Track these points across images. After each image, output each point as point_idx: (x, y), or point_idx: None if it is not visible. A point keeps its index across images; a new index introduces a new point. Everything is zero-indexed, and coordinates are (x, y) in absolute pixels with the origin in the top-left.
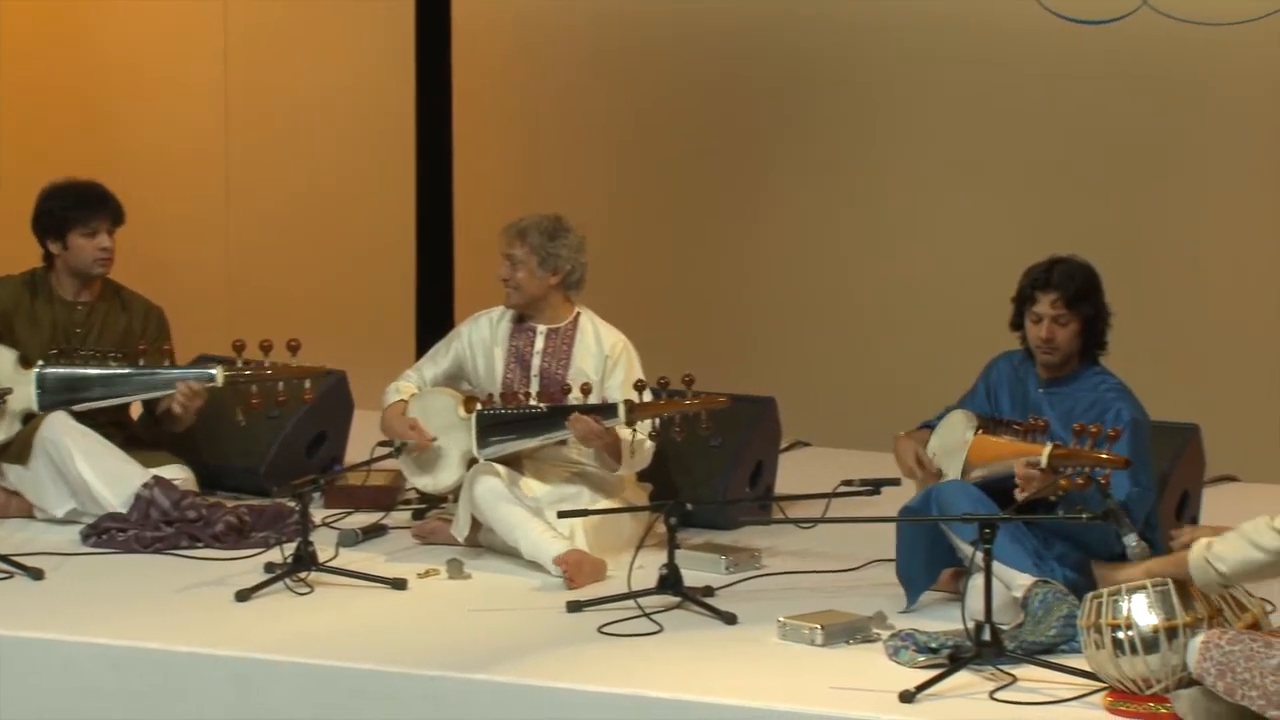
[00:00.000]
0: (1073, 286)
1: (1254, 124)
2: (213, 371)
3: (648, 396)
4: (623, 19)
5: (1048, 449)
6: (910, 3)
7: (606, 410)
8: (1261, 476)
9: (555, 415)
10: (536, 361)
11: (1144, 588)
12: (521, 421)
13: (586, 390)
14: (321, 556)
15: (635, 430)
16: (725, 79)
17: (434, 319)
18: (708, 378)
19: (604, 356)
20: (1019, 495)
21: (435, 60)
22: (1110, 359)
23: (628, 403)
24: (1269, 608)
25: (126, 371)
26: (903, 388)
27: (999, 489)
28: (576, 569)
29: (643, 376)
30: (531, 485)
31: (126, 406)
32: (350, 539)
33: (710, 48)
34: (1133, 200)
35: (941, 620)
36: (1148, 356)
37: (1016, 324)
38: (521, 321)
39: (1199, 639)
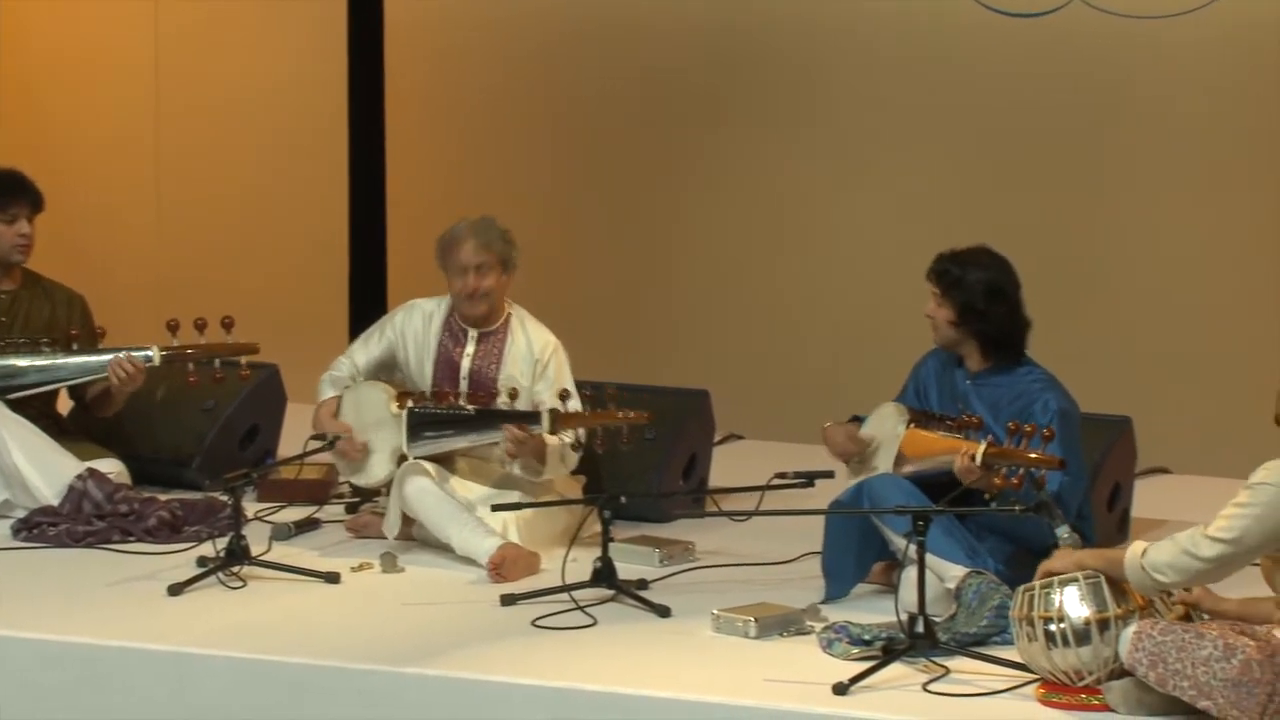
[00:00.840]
0: (940, 270)
1: (1184, 118)
2: (149, 351)
3: (574, 405)
4: (553, 17)
5: (982, 446)
6: None
7: (531, 418)
8: (1192, 469)
9: (483, 419)
10: (466, 364)
11: (1076, 580)
12: (451, 422)
13: (514, 395)
14: (254, 550)
15: (561, 438)
16: (655, 75)
17: (367, 313)
18: (641, 371)
19: (534, 360)
20: (966, 484)
21: (368, 54)
22: (1043, 353)
23: (552, 412)
24: None
25: (61, 359)
26: (836, 381)
27: (931, 482)
28: (509, 568)
29: (570, 382)
30: (463, 483)
31: (55, 398)
32: (283, 533)
33: (639, 45)
34: (1063, 194)
35: (875, 612)
36: (1080, 350)
37: None
38: (451, 318)
39: (1131, 630)
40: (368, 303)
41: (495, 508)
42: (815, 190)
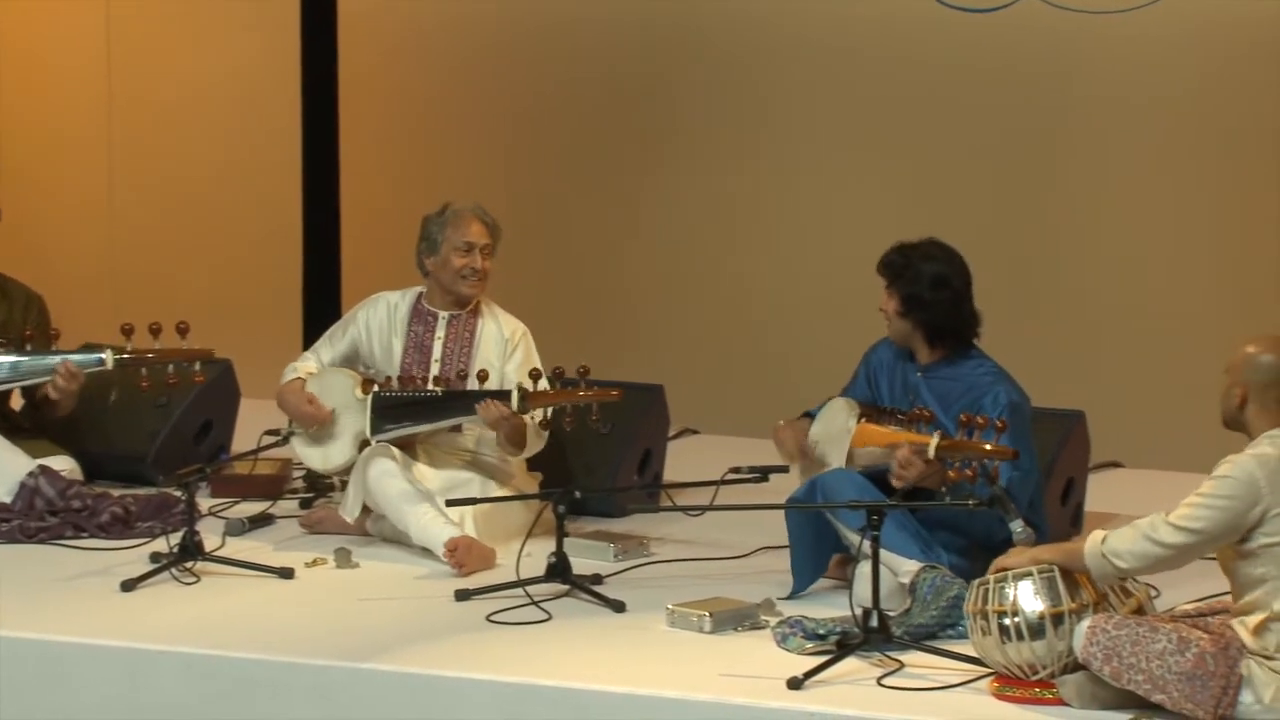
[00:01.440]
0: (890, 264)
1: (1137, 112)
2: (102, 355)
3: (543, 385)
4: (508, 11)
5: (934, 440)
6: None
7: (501, 397)
8: (1145, 463)
9: (451, 400)
10: (438, 347)
11: (1030, 574)
12: (417, 405)
13: (483, 377)
14: (208, 546)
15: (531, 417)
16: (614, 67)
17: (320, 307)
18: (596, 366)
19: (505, 340)
20: (894, 480)
21: (321, 47)
22: (996, 347)
23: (521, 389)
24: (1153, 593)
25: (14, 358)
26: (791, 375)
27: (884, 477)
28: (465, 555)
29: (539, 363)
30: (424, 471)
31: (8, 396)
32: (237, 528)
33: (598, 36)
34: (1015, 188)
35: (829, 607)
36: (1033, 344)
37: None
38: (420, 305)
39: (1085, 624)
40: (322, 297)
41: (450, 502)
42: (769, 185)
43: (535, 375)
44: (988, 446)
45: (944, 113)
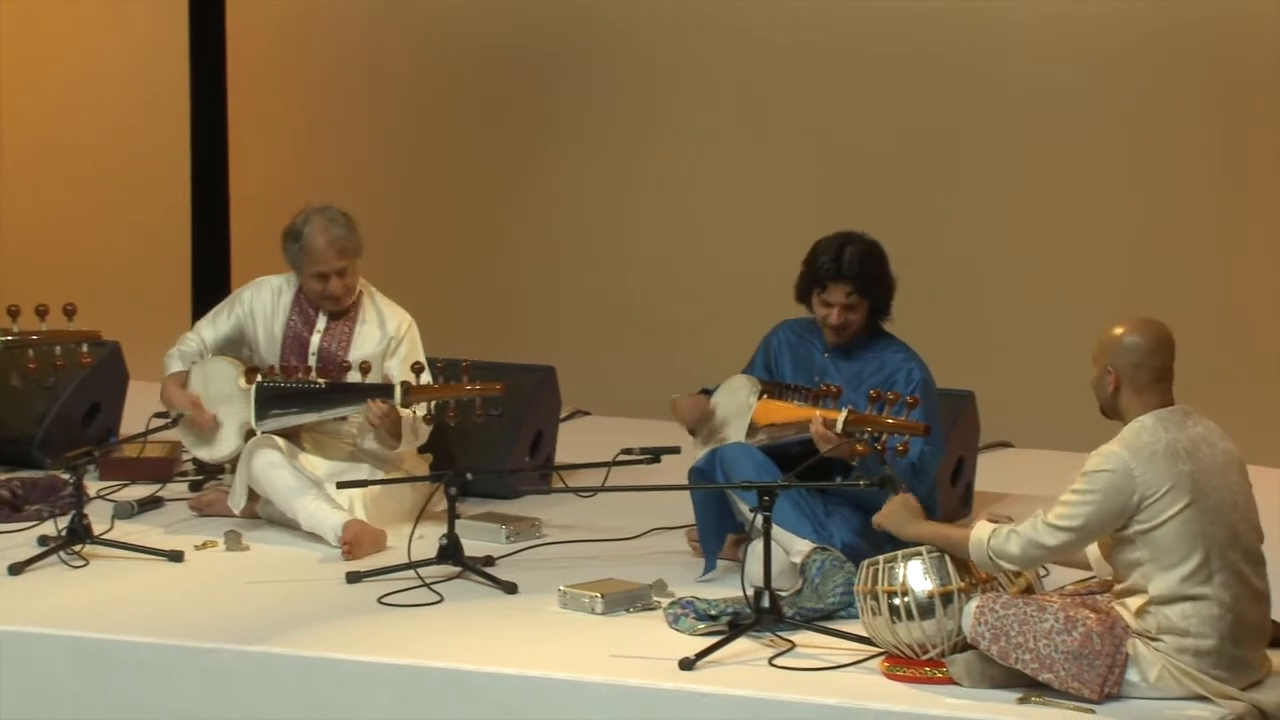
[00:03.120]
0: (866, 275)
1: (1031, 98)
2: None
3: (425, 378)
4: None
5: (843, 414)
6: None
7: (384, 391)
8: (1034, 443)
9: (334, 392)
10: (316, 340)
11: (919, 554)
12: (301, 396)
13: (366, 369)
14: (96, 529)
15: (413, 411)
16: (505, 49)
17: (209, 289)
18: (487, 348)
19: (389, 337)
20: (823, 452)
21: (210, 25)
22: (890, 327)
23: (404, 384)
24: (1042, 573)
25: None
26: (682, 356)
27: (785, 453)
28: (356, 540)
29: (423, 357)
30: (311, 460)
31: None
32: (126, 511)
33: (490, 18)
34: (908, 171)
35: (721, 587)
36: (925, 325)
37: (803, 296)
38: (301, 300)
39: (974, 604)
40: (210, 279)
41: (340, 485)
42: (658, 167)
43: (418, 369)
44: (892, 421)
45: (836, 96)
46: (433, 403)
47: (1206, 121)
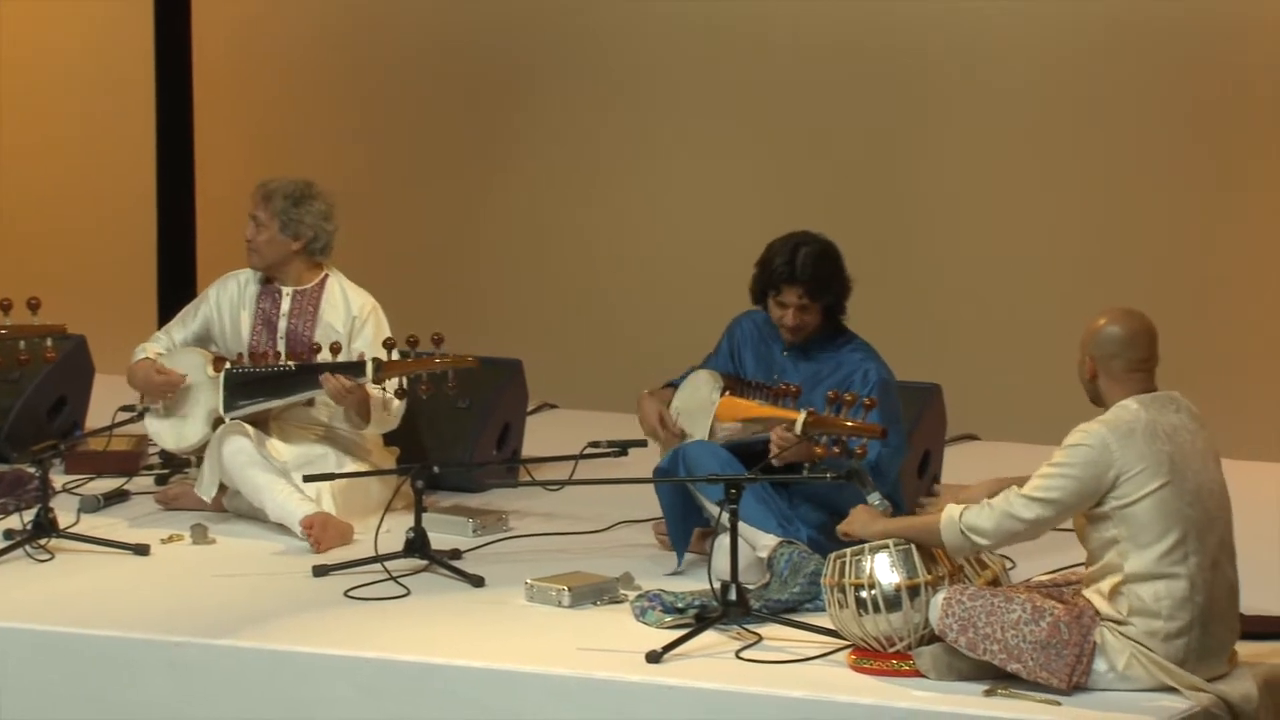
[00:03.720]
0: (818, 280)
1: (992, 88)
2: None
3: (396, 355)
4: None
5: (802, 416)
6: None
7: (355, 368)
8: (1000, 435)
9: (304, 374)
10: (283, 324)
11: (886, 547)
12: (270, 380)
13: (336, 349)
14: (62, 523)
15: (384, 388)
16: (471, 42)
17: (176, 282)
18: (455, 341)
19: (352, 317)
20: (773, 459)
21: (175, 18)
22: (854, 322)
23: (376, 361)
24: (1008, 565)
25: None
26: (648, 349)
27: (747, 450)
28: (322, 531)
29: (391, 336)
30: (278, 447)
31: None
32: (92, 505)
33: (457, 14)
34: (873, 164)
35: (688, 580)
36: (891, 319)
37: (759, 297)
38: (269, 284)
39: (941, 596)
40: (177, 272)
41: (308, 478)
42: (624, 160)
43: (389, 345)
44: (855, 423)
45: (798, 89)
46: (405, 378)
47: (1166, 113)
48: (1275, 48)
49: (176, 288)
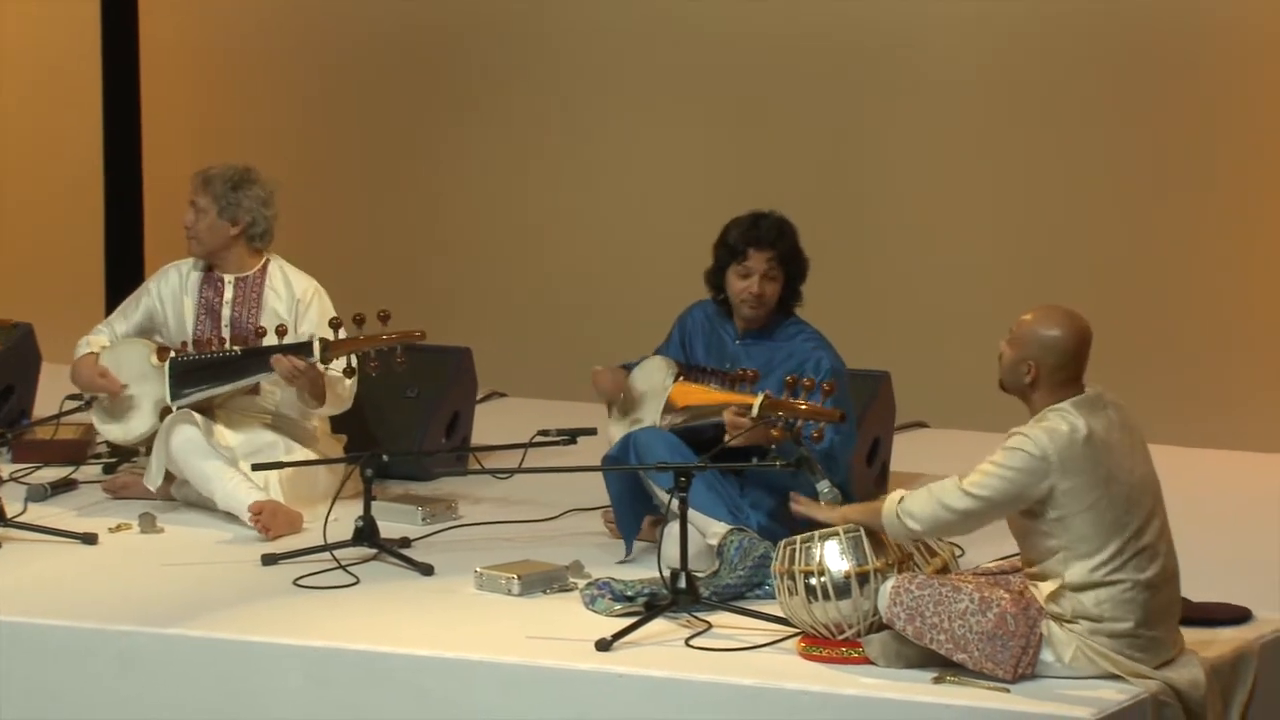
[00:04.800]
0: (785, 244)
1: (942, 76)
2: None
3: (344, 334)
4: None
5: (760, 399)
6: None
7: (302, 349)
8: (949, 423)
9: (250, 358)
10: (227, 311)
11: (836, 534)
12: (216, 366)
13: (282, 332)
14: (9, 512)
15: (329, 367)
16: (419, 27)
17: (123, 270)
18: (403, 328)
19: (295, 300)
20: (729, 441)
21: (121, 4)
22: (804, 308)
23: (322, 340)
24: (958, 552)
25: None
26: (597, 337)
27: (697, 437)
28: (271, 518)
29: (337, 315)
30: (226, 435)
31: None
32: (39, 494)
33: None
34: (820, 151)
35: (638, 568)
36: (840, 306)
37: (716, 279)
38: (211, 271)
39: (889, 584)
40: (123, 258)
41: (256, 467)
42: (572, 147)
43: (335, 324)
44: (803, 406)
45: (748, 79)
46: (352, 356)
47: (1110, 102)
48: (1217, 39)
49: (123, 277)
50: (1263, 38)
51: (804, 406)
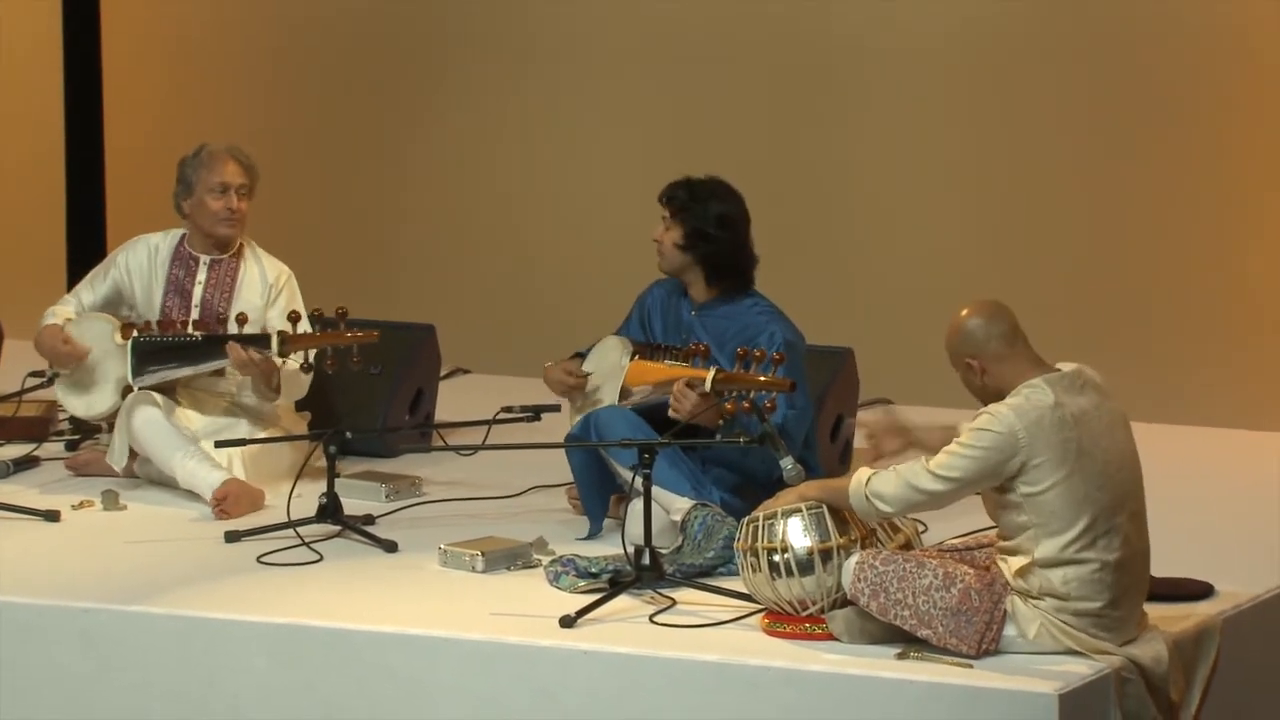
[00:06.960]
0: (682, 199)
1: (906, 55)
2: None
3: (304, 328)
4: None
5: (711, 373)
6: None
7: (260, 341)
8: (913, 399)
9: (211, 344)
10: (198, 292)
11: (799, 511)
12: (178, 349)
13: (242, 320)
14: None
15: (286, 361)
16: (382, 4)
17: (84, 245)
18: (367, 306)
19: (269, 285)
20: (672, 414)
21: None
22: (766, 285)
23: (281, 334)
24: (921, 528)
25: None
26: (562, 314)
27: (658, 414)
28: (234, 503)
29: (301, 307)
30: (188, 415)
31: None
32: (1, 471)
33: None
34: (783, 127)
35: (602, 545)
36: (803, 282)
37: None
38: (183, 250)
39: (853, 560)
40: (85, 236)
41: (219, 444)
42: (538, 123)
43: (294, 318)
44: (764, 378)
45: (713, 48)
46: (310, 352)
47: (1078, 82)
48: (1180, 31)
49: (85, 251)
50: (1230, 26)
51: (759, 379)
